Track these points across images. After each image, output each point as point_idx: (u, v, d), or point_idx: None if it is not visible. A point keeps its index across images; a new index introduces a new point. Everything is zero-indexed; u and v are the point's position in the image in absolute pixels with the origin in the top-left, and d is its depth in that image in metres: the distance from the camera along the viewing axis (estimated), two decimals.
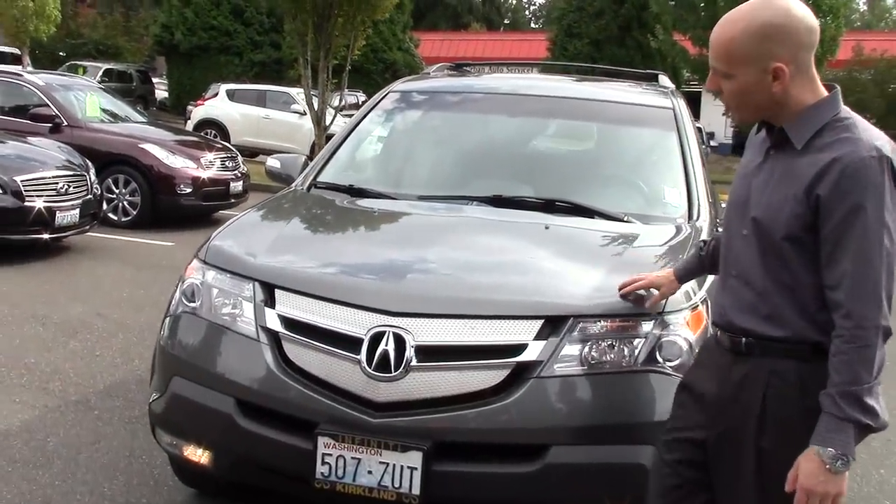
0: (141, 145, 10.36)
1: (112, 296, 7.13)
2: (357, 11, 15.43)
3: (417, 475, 2.58)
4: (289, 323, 2.81)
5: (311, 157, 16.83)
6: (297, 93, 18.86)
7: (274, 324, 2.83)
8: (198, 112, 19.98)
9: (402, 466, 2.59)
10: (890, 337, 1.98)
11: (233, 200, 11.01)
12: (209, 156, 10.78)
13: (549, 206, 3.55)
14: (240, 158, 11.50)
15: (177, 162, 10.38)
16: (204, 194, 10.48)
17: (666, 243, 3.28)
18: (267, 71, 30.31)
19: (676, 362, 2.71)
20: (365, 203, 3.66)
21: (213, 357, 2.94)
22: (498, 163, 4.03)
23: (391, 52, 30.16)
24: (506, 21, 71.42)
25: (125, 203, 10.29)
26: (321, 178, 3.99)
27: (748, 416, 2.09)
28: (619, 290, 2.71)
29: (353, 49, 15.92)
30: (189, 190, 10.31)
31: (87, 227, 8.71)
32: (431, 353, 2.65)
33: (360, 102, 26.05)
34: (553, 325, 2.70)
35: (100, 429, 4.37)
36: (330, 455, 2.64)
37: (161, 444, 3.17)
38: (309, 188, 3.95)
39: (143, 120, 11.90)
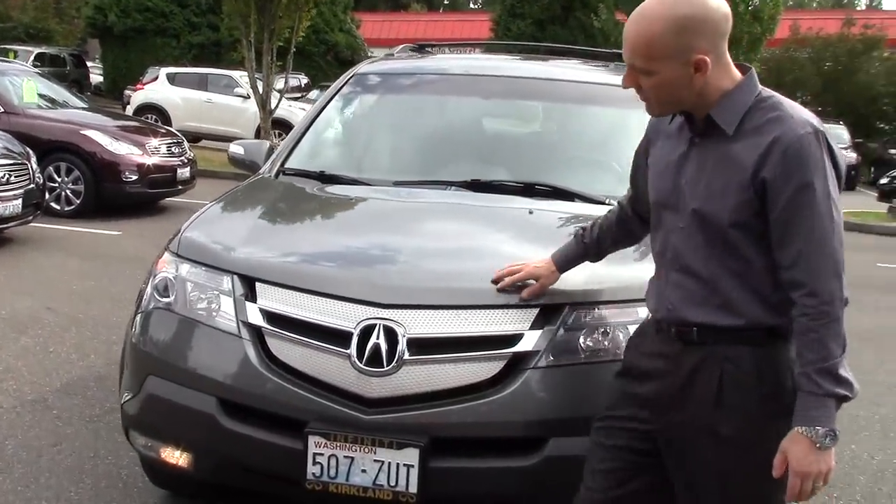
0: (83, 132, 10.03)
1: (60, 288, 6.88)
2: None
3: (414, 473, 2.48)
4: (271, 317, 2.68)
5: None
6: (239, 76, 18.52)
7: (256, 318, 2.70)
8: (137, 97, 19.48)
9: (397, 464, 2.49)
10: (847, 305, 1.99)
11: (180, 187, 10.76)
12: (154, 142, 10.50)
13: (528, 190, 3.47)
14: (186, 144, 11.22)
15: (121, 148, 10.08)
16: (150, 181, 10.20)
17: None
18: (205, 53, 29.72)
19: None
20: (340, 190, 3.53)
21: (192, 355, 2.80)
22: (471, 146, 3.93)
23: (333, 33, 29.79)
24: (445, 2, 71.16)
25: (68, 192, 9.97)
26: (289, 165, 3.85)
27: (703, 404, 2.05)
28: (495, 281, 2.61)
29: (297, 31, 15.63)
30: (135, 177, 10.03)
31: (30, 217, 8.40)
32: (424, 346, 2.55)
33: (303, 85, 25.74)
34: (548, 313, 2.62)
35: (60, 429, 4.18)
36: (321, 454, 2.52)
37: (135, 447, 3.02)
38: (277, 175, 3.80)
39: (84, 105, 11.53)
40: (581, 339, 2.62)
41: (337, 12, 29.89)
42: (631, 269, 2.79)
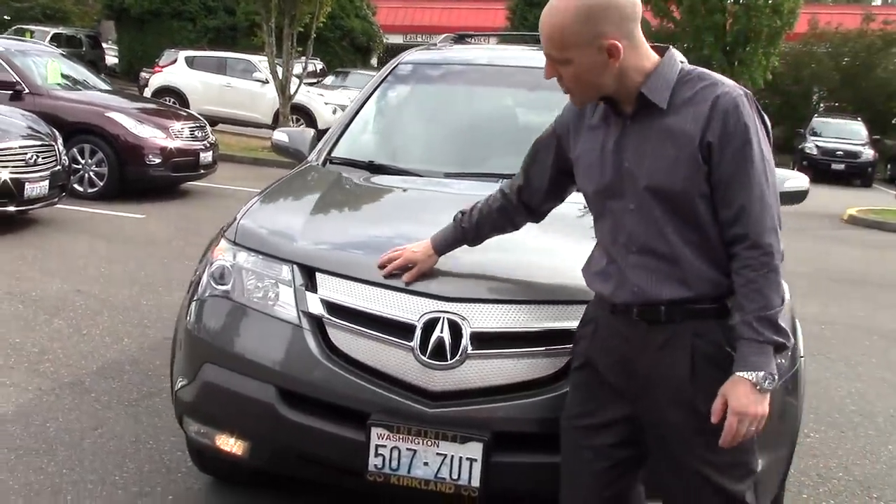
0: (107, 114, 10.04)
1: (88, 271, 6.90)
2: None
3: (477, 467, 2.48)
4: (332, 308, 2.67)
5: (274, 127, 16.48)
6: (258, 60, 18.47)
7: (316, 308, 2.69)
8: (156, 79, 19.46)
9: (461, 458, 2.49)
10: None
11: (202, 171, 10.76)
12: (177, 125, 10.49)
13: None
14: (208, 128, 11.21)
15: (144, 132, 10.08)
16: (173, 165, 10.20)
17: None
18: (221, 37, 29.68)
19: None
20: (392, 180, 3.51)
21: (250, 343, 2.79)
22: (518, 139, 3.89)
23: (349, 19, 29.71)
24: None
25: (91, 174, 9.98)
26: (336, 154, 3.84)
27: (679, 381, 2.12)
28: (379, 266, 2.64)
29: (318, 16, 15.58)
30: (158, 160, 10.03)
31: (56, 199, 8.43)
32: (487, 340, 2.54)
33: (318, 70, 25.69)
34: None
35: (99, 413, 4.20)
36: (384, 446, 2.52)
37: (188, 433, 3.02)
38: (324, 163, 3.79)
39: (107, 87, 11.52)
40: None
41: None
42: None
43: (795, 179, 3.77)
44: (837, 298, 7.95)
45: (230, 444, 2.85)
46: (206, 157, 10.69)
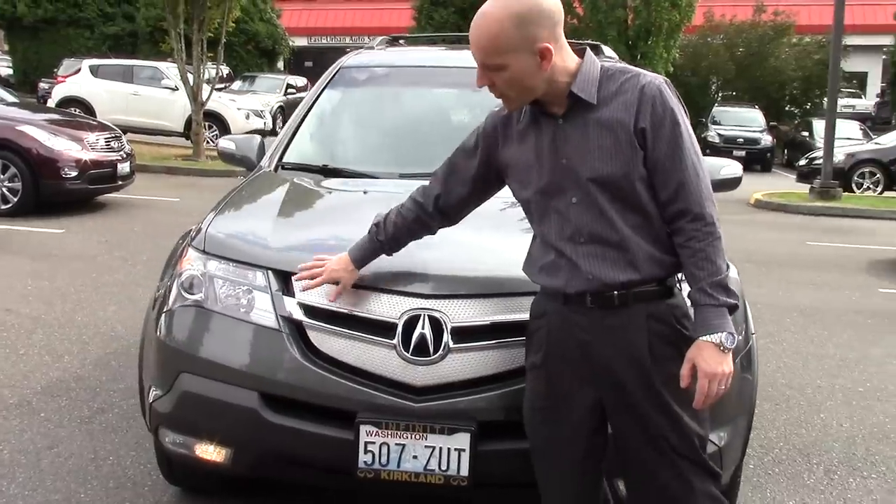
0: (18, 127, 9.75)
1: (15, 290, 6.71)
2: None
3: (466, 456, 2.56)
4: (312, 311, 2.72)
5: (186, 135, 16.12)
6: (166, 67, 18.11)
7: (295, 312, 2.73)
8: (59, 90, 18.87)
9: (449, 449, 2.57)
10: None
11: (120, 183, 10.54)
12: (92, 136, 10.25)
13: None
14: (124, 138, 10.98)
15: (59, 144, 9.83)
16: (90, 177, 9.97)
17: None
18: (121, 45, 28.98)
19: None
20: (349, 183, 3.56)
21: (229, 350, 2.81)
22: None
23: (253, 23, 29.35)
24: None
25: (5, 189, 9.67)
26: (287, 159, 3.86)
27: (638, 361, 2.25)
28: (299, 278, 2.69)
29: (227, 21, 15.39)
30: (74, 173, 9.79)
31: None
32: (467, 334, 2.63)
33: (225, 76, 25.32)
34: None
35: (52, 432, 4.12)
36: (373, 443, 2.58)
37: (163, 444, 3.01)
38: (276, 169, 3.82)
39: (14, 100, 11.16)
40: None
41: (257, 2, 29.44)
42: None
43: (730, 167, 3.96)
44: (755, 279, 8.30)
45: (210, 452, 2.86)
46: (124, 167, 10.47)
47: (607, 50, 4.88)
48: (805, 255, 10.47)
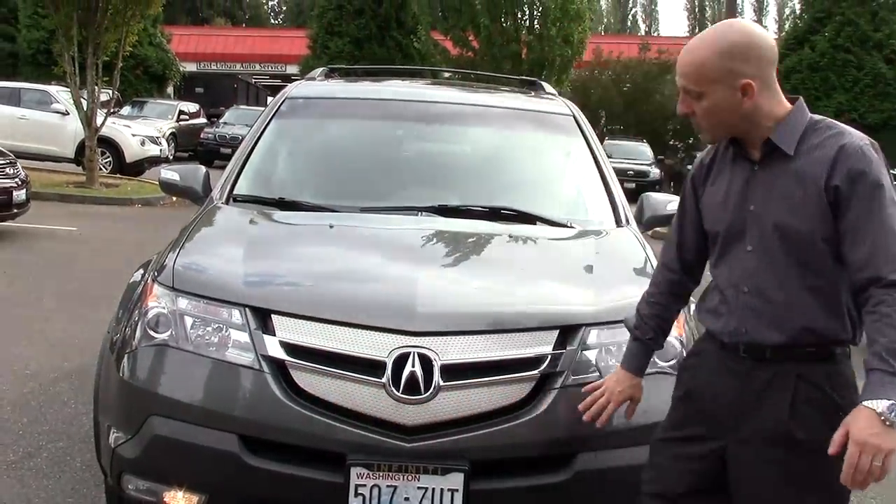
0: None
1: None
2: (127, 4, 14.47)
3: (459, 497, 2.53)
4: (293, 350, 2.64)
5: (77, 161, 15.44)
6: (56, 91, 17.39)
7: (276, 352, 2.64)
8: None
9: (441, 489, 2.53)
10: None
11: (16, 211, 10.01)
12: None
13: (492, 214, 3.58)
14: (19, 164, 10.46)
15: None
16: None
17: (624, 248, 3.44)
18: (1, 67, 27.69)
19: (673, 362, 2.84)
20: (311, 217, 3.48)
21: (204, 392, 2.69)
22: (423, 171, 3.99)
23: (142, 47, 28.52)
24: (247, 17, 70.08)
25: None
26: (239, 191, 3.75)
27: (777, 418, 2.16)
28: (586, 417, 2.55)
29: (124, 45, 14.93)
30: None
31: None
32: (457, 372, 2.60)
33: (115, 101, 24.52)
34: (566, 334, 2.73)
35: None
36: (364, 485, 2.52)
37: (127, 492, 2.85)
38: (227, 201, 3.70)
39: None
40: (596, 358, 2.76)
41: (146, 26, 28.67)
42: (631, 291, 2.98)
43: (674, 203, 4.07)
44: None
45: (180, 500, 2.73)
46: (20, 195, 9.96)
47: (546, 86, 4.97)
48: (704, 282, 10.82)
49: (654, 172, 25.86)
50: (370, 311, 2.67)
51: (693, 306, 3.40)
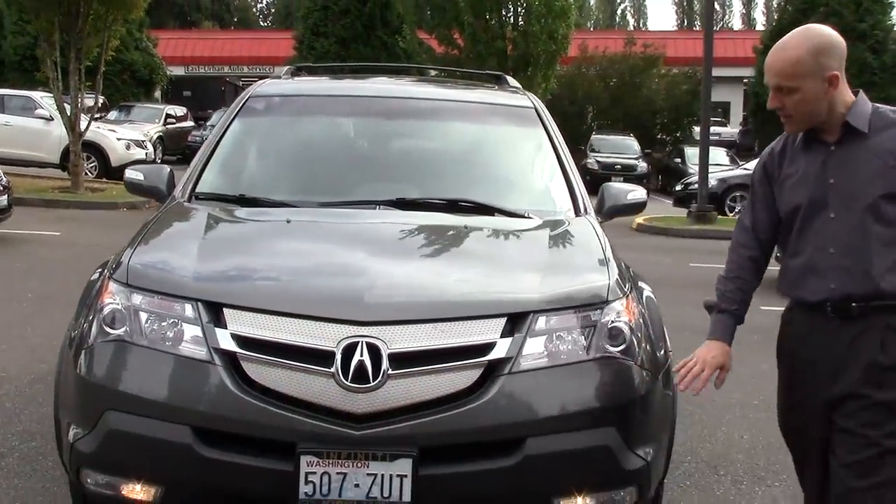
0: None
1: None
2: (108, 9, 14.49)
3: (408, 482, 2.58)
4: (245, 342, 2.69)
5: (63, 166, 15.43)
6: (40, 97, 17.40)
7: (228, 344, 2.69)
8: None
9: (391, 475, 2.58)
10: None
11: None
12: None
13: (451, 206, 3.63)
14: (0, 171, 10.49)
15: None
16: None
17: (579, 237, 3.48)
18: None
19: (622, 347, 2.89)
20: (270, 212, 3.53)
21: (158, 385, 2.74)
22: (384, 165, 4.03)
23: (129, 52, 28.51)
24: (235, 19, 70.01)
25: None
26: (201, 189, 3.79)
27: (871, 366, 2.48)
28: (683, 387, 2.76)
29: (106, 49, 14.95)
30: None
31: None
32: (405, 360, 2.65)
33: (101, 105, 24.53)
34: (515, 321, 2.78)
35: None
36: (314, 473, 2.57)
37: (86, 486, 2.89)
38: (189, 199, 3.74)
39: None
40: (545, 344, 2.81)
41: (132, 30, 28.64)
42: (582, 278, 3.04)
43: (635, 192, 4.13)
44: None
45: (138, 492, 2.77)
46: (1, 201, 10.00)
47: (511, 80, 5.02)
48: (689, 276, 10.89)
49: (642, 166, 25.95)
50: (319, 303, 2.72)
51: (646, 293, 3.47)
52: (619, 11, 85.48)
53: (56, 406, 3.11)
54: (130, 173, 4.08)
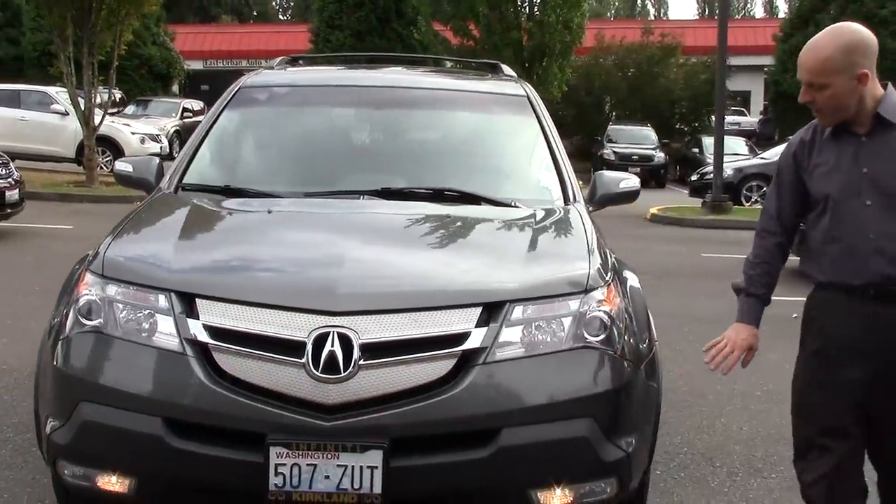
0: None
1: None
2: (121, 4, 14.54)
3: (378, 474, 2.55)
4: (217, 332, 2.67)
5: (78, 161, 15.59)
6: (56, 92, 17.51)
7: (200, 335, 2.67)
8: None
9: (361, 467, 2.55)
10: None
11: (9, 211, 10.11)
12: None
13: (437, 196, 3.59)
14: (12, 164, 10.56)
15: None
16: None
17: (564, 225, 3.44)
18: (5, 69, 27.87)
19: (602, 336, 2.84)
20: (254, 203, 3.52)
21: (131, 376, 2.73)
22: (372, 155, 4.01)
23: (146, 46, 28.71)
24: (254, 13, 70.18)
25: None
26: (188, 180, 3.78)
27: None
28: (713, 366, 2.82)
29: (119, 44, 15.01)
30: None
31: None
32: (377, 350, 2.62)
33: (117, 100, 24.69)
34: (491, 311, 2.75)
35: None
36: (284, 465, 2.55)
37: (63, 477, 2.89)
38: (176, 190, 3.73)
39: None
40: (521, 334, 2.77)
41: (150, 25, 28.80)
42: (562, 267, 2.99)
43: (628, 180, 4.08)
44: (655, 290, 8.49)
45: (113, 483, 2.77)
46: (12, 195, 10.06)
47: (506, 68, 4.97)
48: (701, 266, 10.80)
49: (659, 157, 25.78)
50: (290, 293, 2.70)
51: (630, 282, 3.42)
52: (639, 1, 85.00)
53: (36, 398, 3.11)
54: (120, 165, 4.08)
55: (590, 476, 2.80)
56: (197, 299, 2.73)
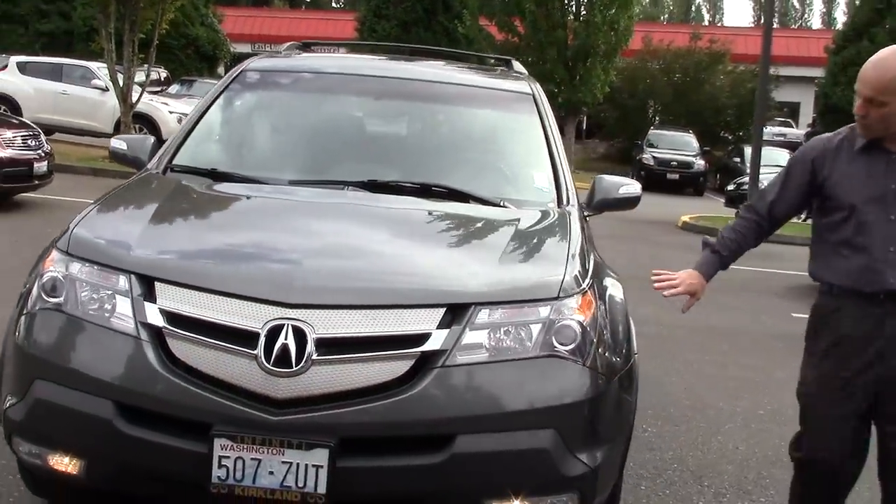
0: None
1: None
2: None
3: (323, 473, 2.48)
4: (172, 318, 2.61)
5: (115, 136, 15.75)
6: (97, 67, 17.68)
7: (155, 319, 2.62)
8: None
9: (306, 465, 2.48)
10: None
11: (36, 182, 10.24)
12: (8, 134, 9.94)
13: (424, 191, 3.51)
14: (42, 137, 10.67)
15: None
16: (4, 175, 9.67)
17: (549, 229, 3.33)
18: (56, 43, 28.26)
19: (571, 346, 2.74)
20: (235, 188, 3.46)
21: (85, 357, 2.69)
22: (365, 146, 3.94)
23: (193, 27, 28.92)
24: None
25: None
26: (177, 161, 3.74)
27: None
28: (656, 280, 3.09)
29: (160, 22, 15.11)
30: None
31: None
32: (333, 346, 2.55)
33: (162, 79, 24.89)
34: (455, 313, 2.66)
35: None
36: (227, 457, 2.48)
37: (18, 454, 2.87)
38: (164, 171, 3.69)
39: None
40: (486, 338, 2.68)
41: (199, 6, 29.02)
42: (535, 271, 2.90)
43: (629, 186, 3.97)
44: (672, 300, 8.36)
45: (64, 464, 2.73)
46: (41, 167, 10.17)
47: (517, 65, 4.87)
48: (724, 278, 10.49)
49: (699, 164, 25.41)
50: (248, 282, 2.64)
51: (610, 290, 3.31)
52: (694, 6, 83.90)
53: (0, 371, 3.08)
54: (115, 142, 4.06)
55: (549, 490, 2.70)
56: (156, 283, 2.68)
